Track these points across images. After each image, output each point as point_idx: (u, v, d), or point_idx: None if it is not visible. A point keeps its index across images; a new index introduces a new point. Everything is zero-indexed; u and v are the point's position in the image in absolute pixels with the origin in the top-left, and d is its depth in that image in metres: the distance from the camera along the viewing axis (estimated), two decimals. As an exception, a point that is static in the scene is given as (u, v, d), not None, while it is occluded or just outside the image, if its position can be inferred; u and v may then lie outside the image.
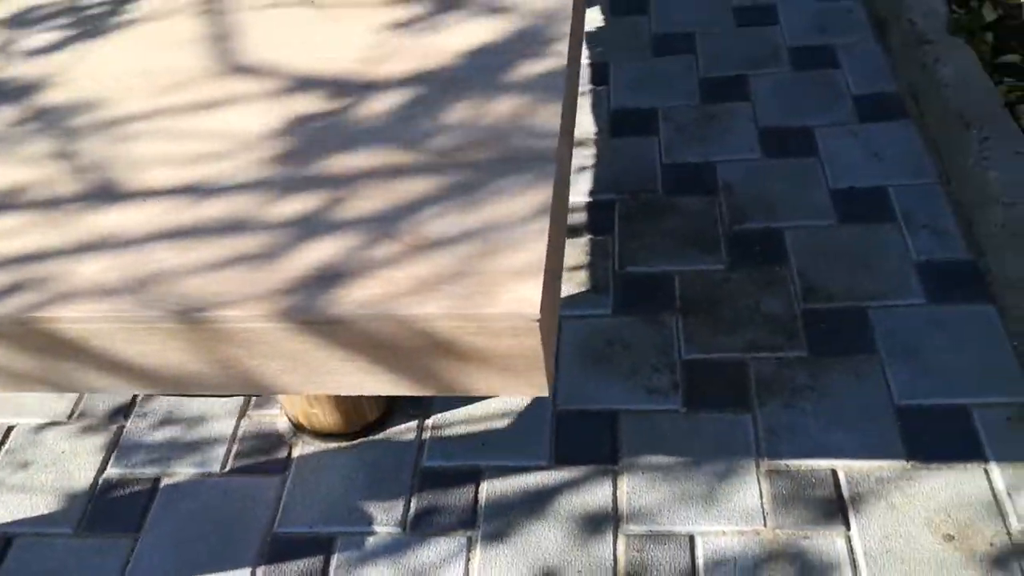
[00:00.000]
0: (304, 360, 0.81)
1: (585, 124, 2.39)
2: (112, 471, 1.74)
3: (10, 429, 1.85)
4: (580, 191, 2.19)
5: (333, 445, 1.72)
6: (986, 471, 1.52)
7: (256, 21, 1.21)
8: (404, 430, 1.72)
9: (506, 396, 0.80)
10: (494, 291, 0.75)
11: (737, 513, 1.51)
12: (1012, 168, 1.87)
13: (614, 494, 1.57)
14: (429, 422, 1.73)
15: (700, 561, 1.46)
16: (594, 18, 2.79)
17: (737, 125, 2.30)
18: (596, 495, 1.57)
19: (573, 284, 1.96)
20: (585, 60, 2.62)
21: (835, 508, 1.50)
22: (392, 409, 1.76)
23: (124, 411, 1.84)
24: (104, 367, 0.86)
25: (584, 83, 2.53)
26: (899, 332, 1.75)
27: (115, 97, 1.13)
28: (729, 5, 2.74)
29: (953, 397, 1.63)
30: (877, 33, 2.53)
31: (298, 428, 1.74)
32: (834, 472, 1.55)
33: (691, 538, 1.50)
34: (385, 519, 1.59)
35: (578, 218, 2.11)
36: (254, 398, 1.82)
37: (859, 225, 1.98)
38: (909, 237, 1.94)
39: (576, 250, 2.03)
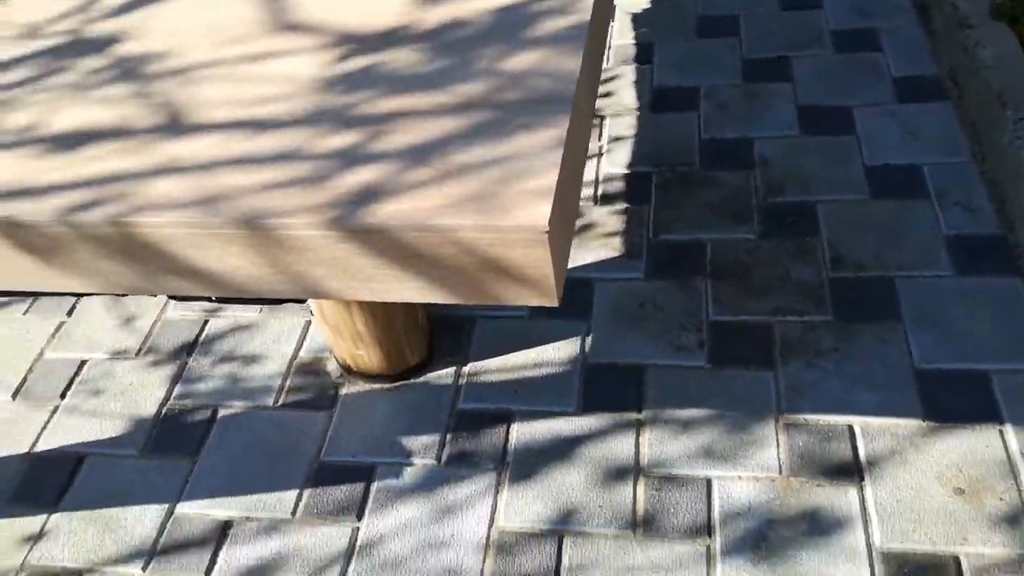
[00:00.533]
0: (344, 267, 0.92)
1: (627, 99, 2.47)
2: (175, 401, 1.89)
3: (84, 362, 2.02)
4: (619, 163, 2.27)
5: (377, 386, 1.84)
6: (1001, 432, 1.57)
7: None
8: (443, 375, 1.84)
9: (519, 303, 0.90)
10: (511, 209, 0.85)
11: (754, 461, 1.59)
12: (1046, 146, 1.90)
13: (637, 440, 1.66)
14: (466, 369, 1.84)
15: (716, 502, 1.54)
16: (641, 0, 2.87)
17: (777, 104, 2.36)
18: (620, 440, 1.66)
19: (609, 249, 2.05)
20: (631, 40, 2.70)
21: (850, 460, 1.57)
22: (432, 355, 1.87)
23: (188, 348, 1.99)
24: (174, 270, 0.98)
25: (629, 61, 2.61)
26: (925, 301, 1.80)
27: (184, 48, 1.26)
28: (776, -11, 2.80)
29: (974, 363, 1.68)
30: (920, 17, 2.56)
31: (345, 369, 1.86)
32: (851, 428, 1.62)
33: (708, 482, 1.58)
34: (422, 453, 1.70)
35: (616, 187, 2.20)
36: (306, 342, 1.95)
37: (892, 200, 2.03)
38: (941, 212, 1.98)
39: (613, 218, 2.12)
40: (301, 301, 1.09)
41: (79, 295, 1.17)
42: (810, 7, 2.69)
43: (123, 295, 1.14)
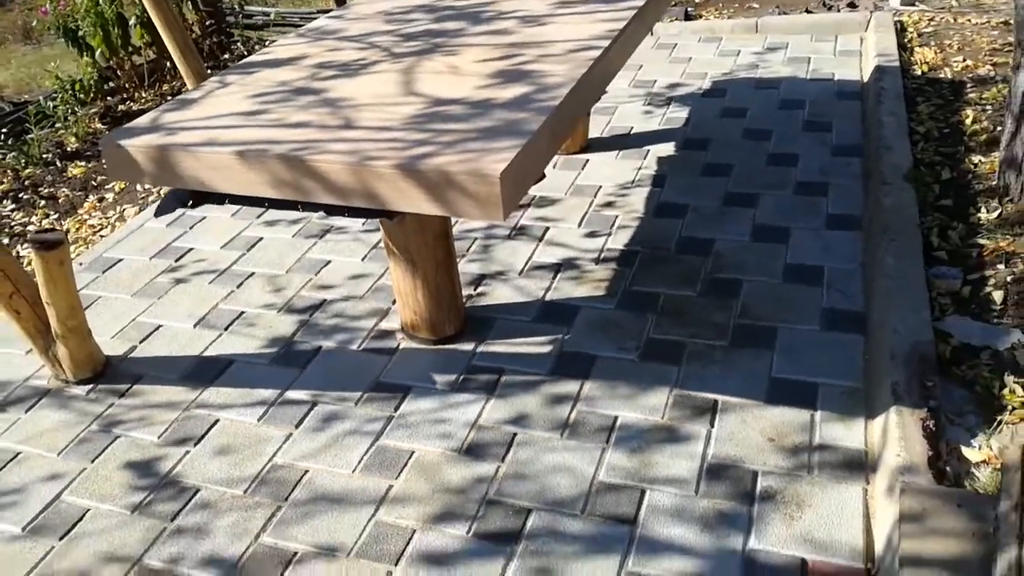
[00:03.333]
0: (404, 190, 1.94)
1: (638, 207, 3.49)
2: (298, 338, 2.92)
3: (243, 312, 3.10)
4: (620, 243, 3.26)
5: (423, 346, 2.82)
6: (812, 415, 2.38)
7: (424, 77, 2.45)
8: (467, 344, 2.80)
9: (482, 220, 1.88)
10: (486, 165, 1.86)
11: (648, 406, 2.46)
12: (900, 257, 2.78)
13: (579, 391, 2.56)
14: (483, 343, 2.80)
15: (617, 424, 2.41)
16: (668, 149, 3.95)
17: (740, 221, 3.32)
18: (567, 388, 2.56)
19: (596, 290, 3.01)
20: (653, 171, 3.76)
21: (708, 414, 2.41)
22: (463, 332, 2.85)
23: (312, 310, 3.05)
24: (328, 186, 2.02)
25: (647, 185, 3.66)
26: (793, 342, 2.66)
27: (357, 97, 2.37)
28: (767, 152, 3.82)
29: (810, 377, 2.51)
30: (863, 180, 3.50)
31: (405, 331, 2.86)
32: (715, 400, 2.46)
33: (615, 417, 2.45)
34: (442, 382, 2.65)
35: (613, 255, 3.18)
36: (387, 315, 2.97)
37: (796, 284, 2.92)
38: (826, 294, 2.85)
39: (604, 273, 3.09)
40: (390, 216, 2.07)
41: (269, 202, 2.01)
42: (787, 165, 3.69)
43: (299, 205, 2.13)
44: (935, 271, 2.78)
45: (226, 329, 3.03)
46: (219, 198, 2.26)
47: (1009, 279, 2.68)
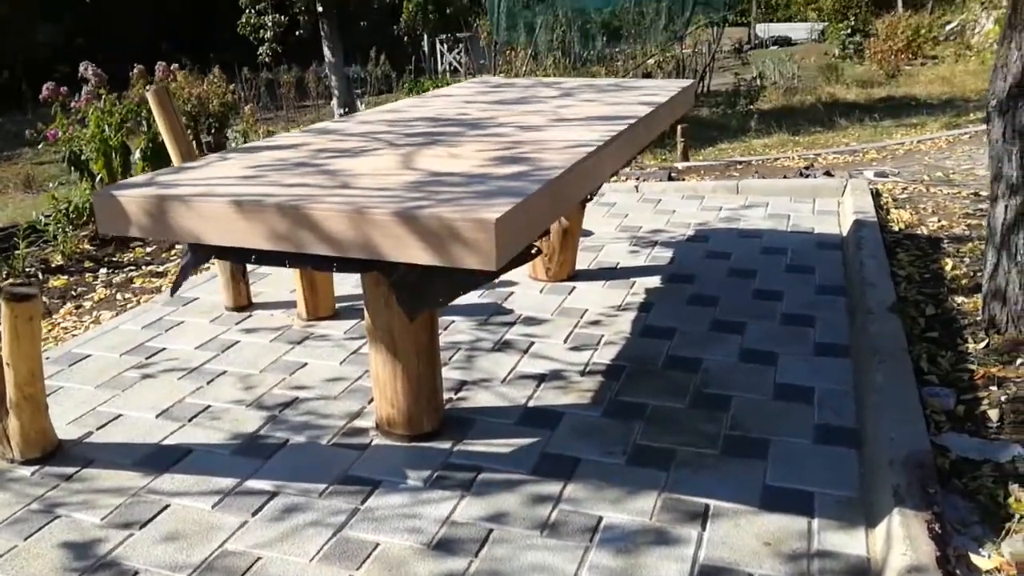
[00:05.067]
0: (398, 236, 1.90)
1: (624, 328, 3.46)
2: (264, 432, 2.77)
3: (210, 406, 2.95)
4: (606, 358, 3.20)
5: (399, 443, 2.67)
6: (809, 522, 2.23)
7: (424, 158, 2.48)
8: (444, 442, 2.65)
9: (477, 267, 1.83)
10: (481, 216, 1.84)
11: (635, 510, 2.29)
12: (891, 376, 2.72)
13: (561, 491, 2.39)
14: (461, 442, 2.66)
15: (601, 525, 2.23)
16: (655, 282, 3.98)
17: (727, 344, 3.28)
18: (549, 488, 2.40)
19: (582, 399, 2.90)
20: (641, 299, 3.76)
21: (700, 518, 2.25)
22: (442, 430, 2.71)
23: (282, 406, 2.91)
24: (321, 236, 1.98)
25: (634, 310, 3.64)
26: (786, 453, 2.54)
27: (356, 169, 2.38)
28: (752, 288, 3.85)
29: (806, 486, 2.37)
30: (847, 312, 3.51)
31: (379, 427, 2.72)
32: (707, 504, 2.31)
33: (600, 518, 2.28)
34: (415, 478, 2.48)
35: (599, 368, 3.10)
36: (364, 411, 2.83)
37: (786, 402, 2.84)
38: (817, 411, 2.76)
39: (591, 384, 3.00)
40: (384, 271, 1.99)
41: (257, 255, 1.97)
42: (774, 300, 3.71)
43: (286, 261, 2.11)
44: (928, 390, 2.72)
45: (189, 421, 2.87)
46: (241, 255, 2.21)
47: (1004, 399, 2.62)
